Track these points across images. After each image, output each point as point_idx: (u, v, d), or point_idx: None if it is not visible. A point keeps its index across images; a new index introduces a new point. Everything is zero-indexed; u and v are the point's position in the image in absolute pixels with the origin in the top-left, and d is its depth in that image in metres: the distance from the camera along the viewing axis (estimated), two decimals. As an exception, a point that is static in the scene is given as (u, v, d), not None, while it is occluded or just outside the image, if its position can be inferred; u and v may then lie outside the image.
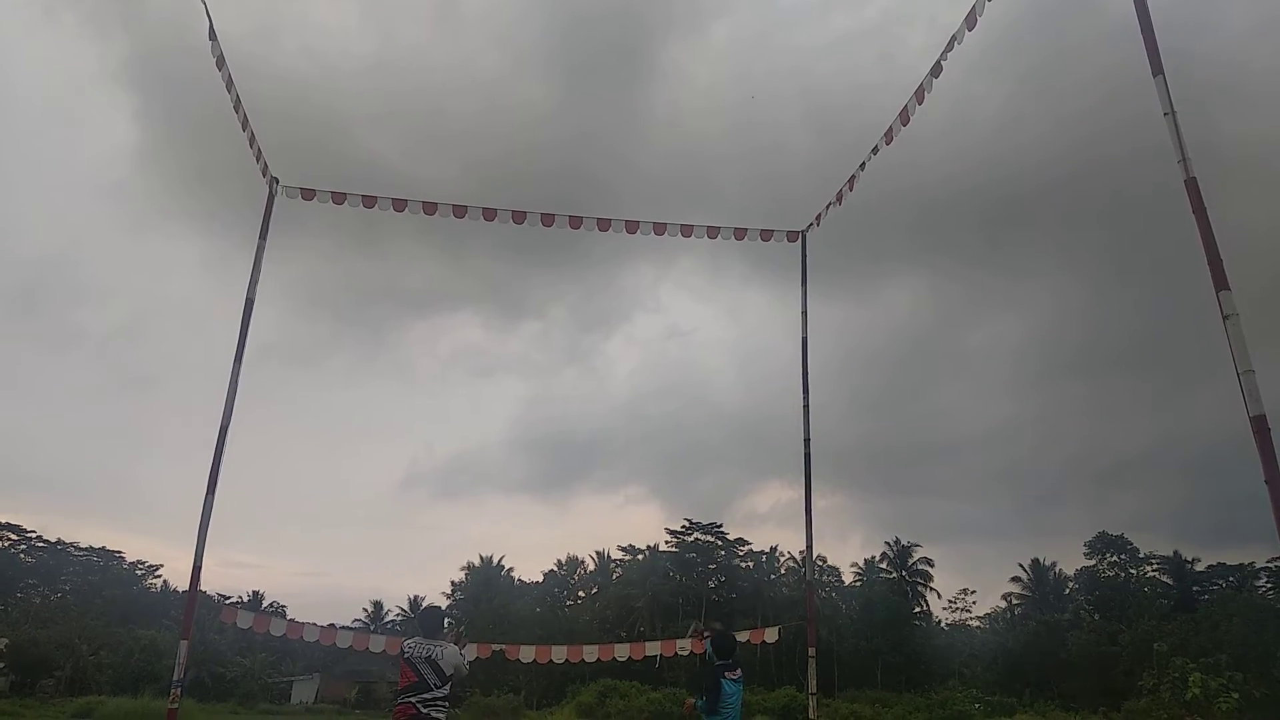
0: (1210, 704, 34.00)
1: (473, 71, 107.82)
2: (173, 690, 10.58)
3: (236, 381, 11.30)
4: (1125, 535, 68.03)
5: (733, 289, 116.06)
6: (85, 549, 70.09)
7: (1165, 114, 6.87)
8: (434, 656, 6.27)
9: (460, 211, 13.23)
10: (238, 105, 10.89)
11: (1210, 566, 69.69)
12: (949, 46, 10.00)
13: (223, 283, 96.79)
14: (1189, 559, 69.64)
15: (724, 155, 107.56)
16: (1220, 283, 6.31)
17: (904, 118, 10.97)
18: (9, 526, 67.26)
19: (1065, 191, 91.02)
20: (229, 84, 10.57)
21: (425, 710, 6.13)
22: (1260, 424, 5.81)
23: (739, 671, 6.81)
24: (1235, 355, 6.07)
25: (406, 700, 6.17)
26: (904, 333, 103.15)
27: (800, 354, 13.64)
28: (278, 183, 12.38)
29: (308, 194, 12.75)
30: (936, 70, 10.32)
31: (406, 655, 6.32)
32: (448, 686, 6.24)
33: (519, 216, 13.33)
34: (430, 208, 13.18)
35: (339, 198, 12.89)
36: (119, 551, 71.77)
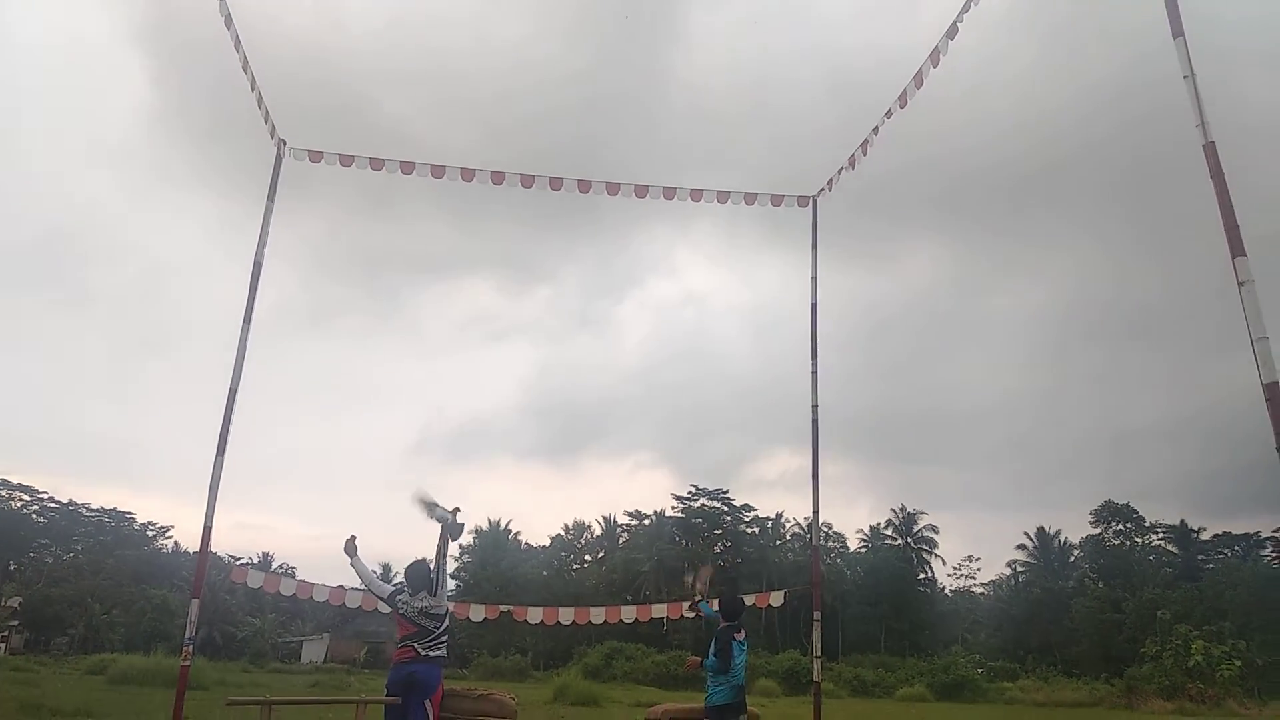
0: (1212, 671, 34.26)
1: (492, 32, 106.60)
2: (185, 648, 10.71)
3: (246, 343, 11.29)
4: (1131, 504, 68.20)
5: (748, 254, 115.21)
6: (97, 510, 70.78)
7: (1185, 77, 6.75)
8: (426, 608, 6.54)
9: (468, 175, 13.12)
10: (246, 65, 10.78)
11: (1216, 536, 69.91)
12: (965, 7, 9.82)
13: (235, 245, 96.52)
14: (1195, 528, 69.85)
15: (743, 117, 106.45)
16: (1236, 248, 6.23)
17: (918, 81, 10.79)
18: (21, 487, 67.94)
19: (1087, 156, 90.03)
20: (237, 43, 10.45)
21: (424, 651, 6.44)
22: (1273, 391, 5.75)
23: (744, 633, 6.88)
24: (1250, 322, 6.01)
25: (408, 644, 6.47)
26: (919, 300, 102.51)
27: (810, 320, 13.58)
28: (285, 144, 12.29)
29: (315, 156, 12.66)
30: (952, 32, 10.14)
31: (402, 612, 6.59)
32: (445, 629, 6.56)
33: (527, 180, 13.21)
34: (438, 170, 13.08)
35: (346, 160, 12.80)
36: (130, 512, 72.47)
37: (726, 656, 6.55)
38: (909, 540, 72.16)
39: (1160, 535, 70.30)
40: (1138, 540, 69.10)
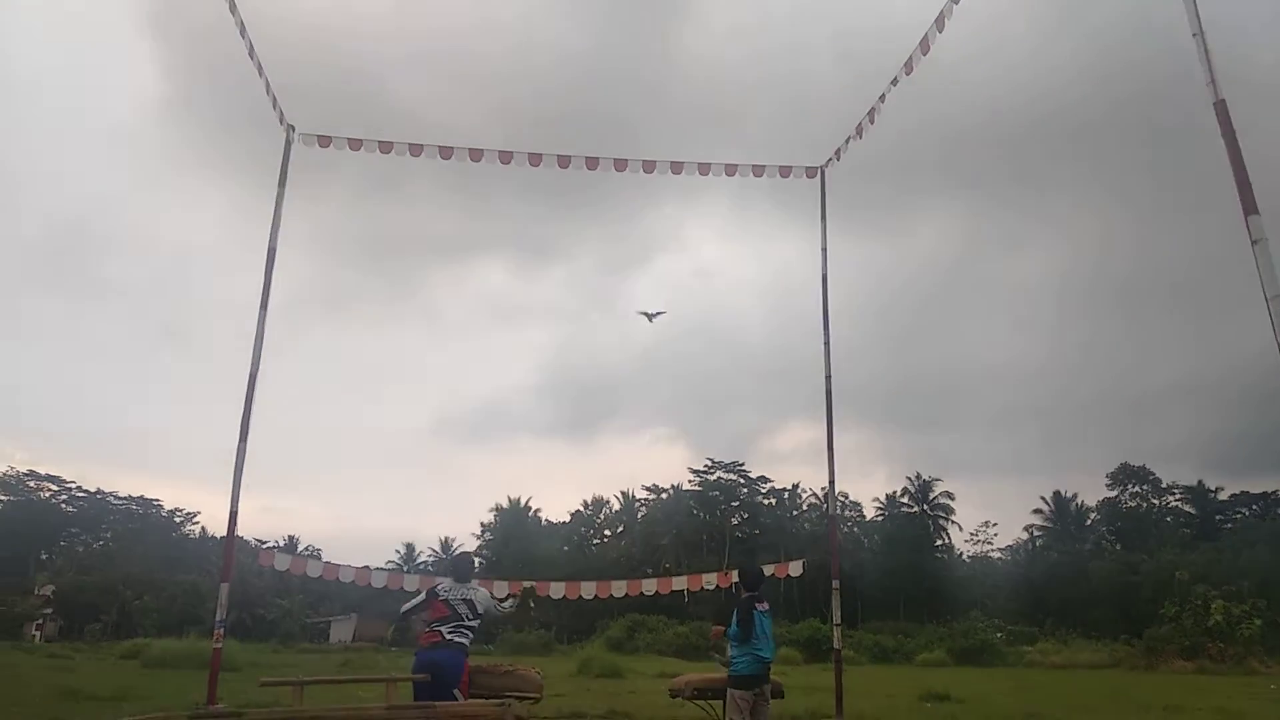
0: (1232, 630, 34.26)
1: (498, 8, 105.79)
2: (216, 631, 10.93)
3: (263, 329, 11.41)
4: (1148, 466, 68.05)
5: (758, 227, 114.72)
6: (124, 498, 71.79)
7: (1194, 35, 6.70)
8: (469, 597, 6.62)
9: (476, 155, 13.15)
10: (252, 51, 10.82)
11: (1233, 495, 69.61)
12: (971, -29, 9.74)
13: (250, 231, 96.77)
14: (1212, 488, 69.60)
15: (753, 89, 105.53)
16: (1249, 207, 6.21)
17: (924, 47, 10.72)
18: (49, 477, 68.95)
19: (1100, 118, 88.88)
20: (242, 29, 10.49)
21: (449, 636, 6.51)
22: (1288, 350, 5.76)
23: (766, 603, 6.98)
24: (1264, 280, 6.00)
25: (435, 629, 6.53)
26: (932, 267, 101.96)
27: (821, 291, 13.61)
28: (294, 130, 12.35)
29: (324, 141, 12.71)
30: (957, -4, 10.06)
31: (442, 597, 6.67)
32: (478, 621, 6.59)
33: (535, 159, 13.23)
34: (446, 152, 13.10)
35: (355, 144, 12.84)
36: (157, 500, 73.48)
37: (748, 626, 6.64)
38: (925, 507, 72.31)
39: (1177, 496, 70.18)
40: (1155, 502, 69.04)
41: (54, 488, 69.26)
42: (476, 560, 70.67)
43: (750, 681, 6.68)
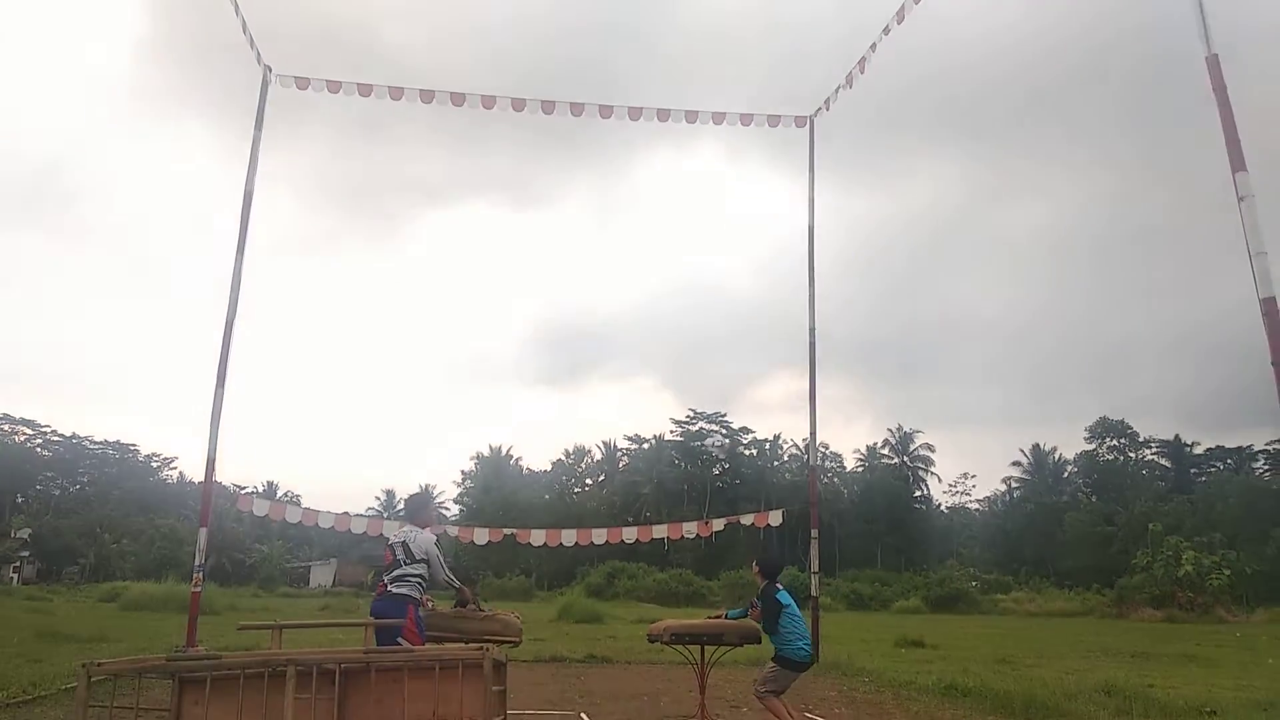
0: (1202, 580, 35.05)
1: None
2: (195, 575, 10.96)
3: (240, 274, 11.29)
4: (1127, 420, 68.94)
5: (751, 177, 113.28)
6: (100, 442, 71.33)
7: (1190, -12, 6.58)
8: (406, 541, 6.55)
9: (459, 100, 12.89)
10: (227, -13, 10.50)
11: (1209, 450, 70.80)
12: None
13: (228, 175, 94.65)
14: (1189, 443, 70.74)
15: (749, 34, 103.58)
16: (1237, 163, 6.18)
17: (917, -6, 10.53)
18: (24, 421, 68.37)
19: (1091, 71, 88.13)
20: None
21: (392, 587, 6.42)
22: (1270, 306, 5.76)
23: (780, 586, 6.99)
24: (1249, 237, 5.98)
25: (381, 579, 6.51)
26: (919, 219, 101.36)
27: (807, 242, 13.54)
28: (271, 70, 12.05)
29: (302, 82, 12.42)
30: (953, -60, 9.86)
31: (389, 541, 6.63)
32: (419, 565, 6.50)
33: (518, 104, 12.97)
34: (428, 96, 12.84)
35: (334, 86, 12.56)
36: (134, 444, 73.10)
37: (774, 617, 6.64)
38: (905, 459, 73.20)
39: (1154, 450, 71.31)
40: (1131, 455, 70.08)
41: (29, 431, 68.76)
42: (454, 506, 71.10)
43: (801, 666, 6.74)
